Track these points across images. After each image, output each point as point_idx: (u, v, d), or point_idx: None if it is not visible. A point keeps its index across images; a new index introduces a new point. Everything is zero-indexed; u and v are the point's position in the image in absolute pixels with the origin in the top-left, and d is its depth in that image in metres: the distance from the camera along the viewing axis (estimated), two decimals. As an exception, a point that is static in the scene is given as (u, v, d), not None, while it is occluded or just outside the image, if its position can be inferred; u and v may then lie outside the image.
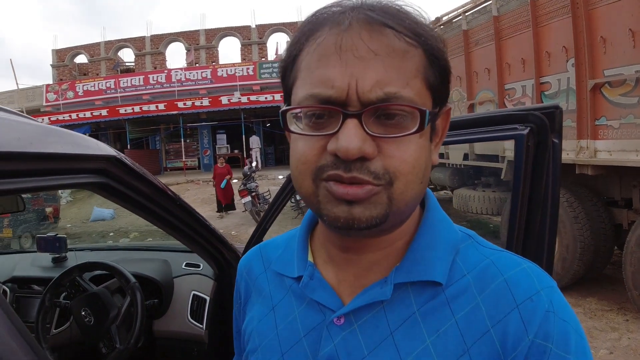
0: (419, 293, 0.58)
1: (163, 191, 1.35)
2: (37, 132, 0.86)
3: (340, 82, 0.50)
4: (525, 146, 1.00)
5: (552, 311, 0.54)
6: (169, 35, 26.16)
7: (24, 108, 21.63)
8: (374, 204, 0.51)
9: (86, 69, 27.20)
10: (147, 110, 20.51)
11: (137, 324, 1.72)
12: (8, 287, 2.13)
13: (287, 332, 0.64)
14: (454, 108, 6.76)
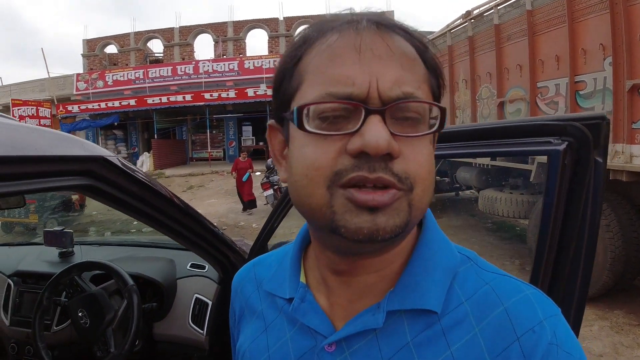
0: (413, 321, 0.54)
1: (158, 192, 1.28)
2: (19, 133, 0.82)
3: (361, 79, 0.47)
4: (560, 164, 0.82)
5: (556, 344, 0.50)
6: (198, 27, 26.36)
7: (55, 96, 22.18)
8: (397, 210, 0.48)
9: (116, 59, 27.68)
10: (174, 100, 20.74)
11: (133, 328, 1.66)
12: (13, 281, 2.13)
13: (279, 355, 0.61)
14: (482, 105, 6.54)
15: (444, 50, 7.45)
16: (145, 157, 21.05)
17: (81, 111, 22.07)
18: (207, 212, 11.02)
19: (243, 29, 25.69)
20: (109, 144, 24.16)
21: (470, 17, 6.59)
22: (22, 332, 1.99)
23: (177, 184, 16.84)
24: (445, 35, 7.39)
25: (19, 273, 2.16)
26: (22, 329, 1.99)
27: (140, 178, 1.20)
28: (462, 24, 6.93)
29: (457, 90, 7.27)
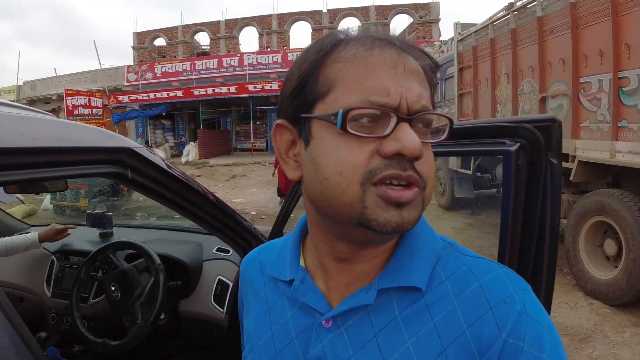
0: (400, 298, 0.61)
1: (181, 180, 1.39)
2: (59, 129, 0.95)
3: (395, 92, 0.55)
4: (514, 165, 0.84)
5: (525, 313, 0.56)
6: (243, 20, 26.78)
7: (106, 87, 23.09)
8: (417, 206, 0.57)
9: (164, 51, 28.55)
10: (219, 92, 21.17)
11: (158, 303, 1.79)
12: (56, 257, 2.34)
13: (281, 333, 0.68)
14: (524, 100, 6.39)
15: (486, 43, 7.30)
16: (191, 147, 21.67)
17: (131, 101, 22.93)
18: (248, 201, 11.30)
19: (287, 22, 25.89)
20: (157, 133, 24.99)
21: (513, 9, 6.41)
22: (61, 304, 2.18)
23: (221, 173, 17.26)
24: (488, 27, 7.23)
25: (62, 250, 2.36)
26: (61, 301, 2.18)
27: (164, 167, 1.31)
28: (504, 16, 6.76)
29: (499, 84, 7.10)
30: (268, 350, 0.68)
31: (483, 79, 7.59)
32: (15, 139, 0.80)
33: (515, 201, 0.85)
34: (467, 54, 8.20)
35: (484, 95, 7.62)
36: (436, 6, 24.18)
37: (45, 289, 2.26)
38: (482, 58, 7.62)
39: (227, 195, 12.27)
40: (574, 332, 3.94)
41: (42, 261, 2.35)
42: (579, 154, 5.02)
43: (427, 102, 0.57)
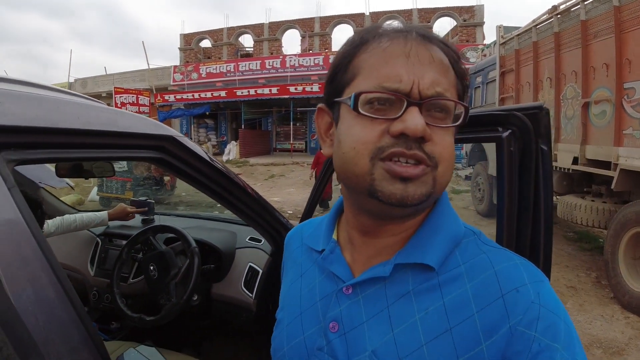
0: (416, 275, 0.66)
1: (218, 169, 1.49)
2: (110, 114, 1.06)
3: (407, 78, 0.60)
4: (506, 151, 0.88)
5: (539, 303, 0.58)
6: (286, 23, 27.10)
7: (153, 86, 23.85)
8: (424, 182, 0.61)
9: (210, 52, 29.26)
10: (261, 93, 21.38)
11: (191, 283, 1.91)
12: (100, 240, 2.52)
13: (308, 295, 0.76)
14: (567, 105, 6.24)
15: (529, 47, 7.17)
16: (232, 146, 22.09)
17: (177, 100, 23.57)
18: (286, 200, 11.45)
19: (329, 25, 26.03)
20: (201, 132, 25.61)
21: (557, 12, 6.27)
22: (103, 282, 2.35)
23: (260, 172, 17.53)
24: (531, 31, 7.10)
25: (106, 233, 2.54)
26: (103, 279, 2.35)
27: (203, 156, 1.41)
28: (548, 19, 6.61)
29: (542, 88, 6.95)
30: (295, 309, 0.77)
31: (525, 83, 7.45)
32: (71, 121, 0.91)
33: (509, 185, 0.89)
34: (510, 57, 8.06)
35: (526, 100, 7.46)
36: (480, 9, 23.75)
37: (89, 268, 2.43)
38: (524, 62, 7.48)
39: (265, 194, 12.35)
40: (607, 344, 3.84)
41: (88, 243, 2.53)
42: (621, 162, 4.87)
43: (443, 89, 0.61)
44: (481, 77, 9.62)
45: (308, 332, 0.73)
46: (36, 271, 0.72)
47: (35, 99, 0.86)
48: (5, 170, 0.74)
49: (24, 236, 0.72)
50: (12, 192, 0.72)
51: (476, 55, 18.43)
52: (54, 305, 0.73)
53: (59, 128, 0.87)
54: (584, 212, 5.76)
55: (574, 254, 6.38)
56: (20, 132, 0.79)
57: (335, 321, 0.69)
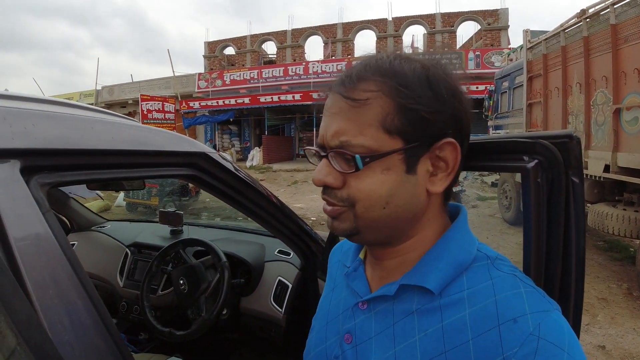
0: (421, 296, 0.68)
1: (251, 185, 1.48)
2: (143, 133, 1.07)
3: (321, 133, 0.69)
4: (532, 183, 0.80)
5: (537, 335, 0.56)
6: (309, 29, 27.21)
7: (179, 93, 24.24)
8: (344, 220, 0.68)
9: (233, 59, 29.57)
10: (284, 99, 21.53)
11: (221, 298, 1.90)
12: (130, 251, 2.53)
13: (335, 308, 0.83)
14: (597, 111, 6.09)
15: (557, 52, 7.02)
16: (255, 152, 22.24)
17: (201, 107, 23.88)
18: (309, 207, 11.44)
19: (352, 31, 26.03)
20: (224, 138, 25.90)
21: (585, 16, 6.12)
22: (132, 293, 2.35)
23: (283, 178, 17.58)
24: (559, 35, 6.95)
25: (135, 244, 2.55)
26: (132, 291, 2.35)
27: (235, 171, 1.41)
28: (576, 23, 6.46)
29: (571, 94, 6.78)
30: (324, 319, 0.84)
31: (554, 88, 7.29)
32: (106, 141, 0.91)
33: (536, 221, 0.81)
34: (537, 62, 7.90)
35: (554, 106, 7.31)
36: (505, 13, 23.41)
37: (119, 279, 2.44)
38: (552, 67, 7.33)
39: (289, 200, 12.48)
40: (639, 359, 3.72)
41: (117, 253, 2.54)
42: (656, 169, 4.72)
43: (349, 136, 0.64)
44: (508, 82, 9.46)
45: (329, 341, 0.79)
46: (71, 296, 0.71)
47: (68, 120, 0.86)
48: (39, 194, 0.74)
49: (60, 262, 0.71)
50: (46, 217, 0.72)
51: (501, 59, 18.17)
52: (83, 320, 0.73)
53: (93, 149, 0.87)
54: (615, 221, 5.59)
55: (605, 264, 6.20)
56: (54, 154, 0.79)
57: (349, 333, 0.74)
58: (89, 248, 2.62)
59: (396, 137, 0.64)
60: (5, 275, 0.60)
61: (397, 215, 0.67)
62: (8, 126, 0.72)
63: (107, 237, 2.70)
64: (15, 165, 0.72)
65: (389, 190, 0.65)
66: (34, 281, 0.67)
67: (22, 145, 0.73)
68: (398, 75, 0.64)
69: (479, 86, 17.17)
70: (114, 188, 1.82)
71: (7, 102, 0.79)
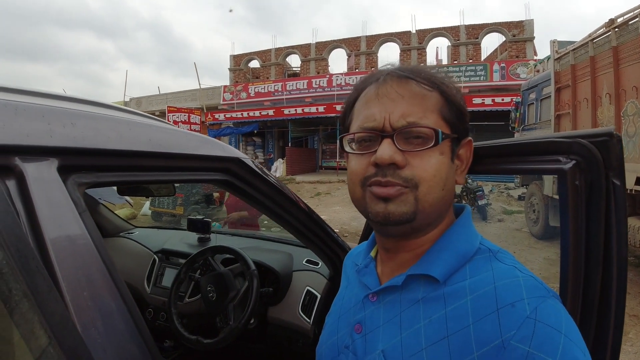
0: (426, 285, 0.72)
1: (282, 192, 1.46)
2: (179, 136, 1.06)
3: (379, 116, 0.72)
4: (570, 186, 0.75)
5: (534, 318, 0.60)
6: (332, 42, 27.37)
7: (204, 105, 24.63)
8: (404, 202, 0.70)
9: (258, 72, 29.91)
10: (308, 112, 21.61)
11: (250, 306, 1.87)
12: (158, 257, 2.53)
13: (347, 302, 0.87)
14: (628, 123, 5.93)
15: (586, 62, 6.88)
16: (279, 163, 22.38)
17: (226, 119, 24.22)
18: (332, 219, 11.41)
19: (375, 43, 26.08)
20: (249, 149, 26.16)
21: (614, 25, 5.99)
22: (159, 300, 2.34)
23: (306, 189, 17.61)
24: (587, 45, 6.82)
25: (163, 250, 2.55)
26: (159, 297, 2.35)
27: (268, 178, 1.39)
28: (605, 33, 6.33)
29: (600, 105, 6.63)
30: (336, 314, 0.89)
31: (583, 99, 7.13)
32: (143, 143, 0.90)
33: (575, 226, 0.76)
34: (565, 73, 7.76)
35: (583, 117, 7.16)
36: (530, 24, 23.11)
37: (146, 285, 2.44)
38: (581, 77, 7.18)
39: (312, 211, 12.44)
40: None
41: (145, 260, 2.55)
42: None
43: (416, 117, 0.70)
44: (535, 94, 9.31)
45: (341, 333, 0.84)
46: (105, 299, 0.70)
47: (106, 120, 0.85)
48: (75, 194, 0.73)
49: (95, 263, 0.70)
50: (83, 217, 0.71)
51: (527, 71, 17.92)
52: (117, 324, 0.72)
53: (130, 150, 0.86)
54: (645, 235, 5.39)
55: (635, 280, 5.98)
56: (91, 154, 0.78)
57: (359, 323, 0.79)
58: (117, 254, 2.64)
59: (446, 126, 0.73)
60: (40, 275, 0.59)
61: (448, 200, 0.75)
62: (46, 124, 0.71)
63: (135, 244, 2.71)
64: (53, 164, 0.71)
65: (446, 173, 0.73)
66: (68, 282, 0.66)
67: (60, 144, 0.72)
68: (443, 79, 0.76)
69: (504, 98, 16.97)
70: (144, 194, 1.83)
71: (46, 100, 0.79)
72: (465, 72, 19.91)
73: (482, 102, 17.60)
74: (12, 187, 0.65)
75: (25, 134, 0.68)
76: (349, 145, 0.77)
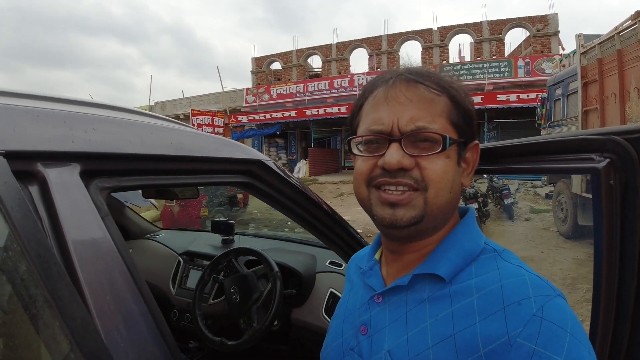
0: (432, 284, 0.73)
1: (304, 193, 1.45)
2: (201, 139, 1.06)
3: (387, 120, 0.73)
4: (604, 185, 0.71)
5: (540, 316, 0.60)
6: (353, 42, 27.30)
7: (227, 107, 24.88)
8: (413, 206, 0.71)
9: (280, 74, 30.08)
10: (330, 112, 21.62)
11: (273, 308, 1.87)
12: (182, 259, 2.56)
13: (351, 304, 0.88)
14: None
15: (612, 56, 6.69)
16: (302, 164, 22.44)
17: (249, 121, 24.39)
18: (355, 219, 11.35)
19: (397, 42, 25.93)
20: (272, 151, 26.29)
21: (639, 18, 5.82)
22: (183, 301, 2.36)
23: (329, 190, 17.58)
24: (614, 38, 6.63)
25: (188, 252, 2.57)
26: (184, 299, 2.37)
27: (290, 180, 1.38)
28: (631, 25, 6.14)
29: (629, 99, 6.43)
30: (340, 317, 0.90)
31: (610, 94, 6.95)
32: (165, 147, 0.90)
33: (609, 227, 0.73)
34: (592, 67, 7.57)
35: (612, 112, 6.97)
36: (554, 18, 22.61)
37: (171, 287, 2.47)
38: (608, 71, 7.00)
39: (335, 212, 12.43)
40: None
41: (170, 261, 2.57)
42: None
43: (425, 122, 0.71)
44: (561, 89, 9.10)
45: (346, 335, 0.84)
46: (128, 302, 0.70)
47: (128, 125, 0.85)
48: (98, 198, 0.73)
49: (118, 267, 0.70)
50: (105, 222, 0.71)
51: (552, 66, 17.54)
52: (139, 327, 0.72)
53: (152, 155, 0.86)
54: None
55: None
56: (113, 159, 0.78)
57: (365, 325, 0.79)
58: (143, 256, 2.67)
59: (454, 130, 0.74)
60: (62, 279, 0.59)
61: (454, 202, 0.76)
62: (68, 129, 0.72)
63: (161, 246, 2.75)
64: (75, 169, 0.72)
65: (453, 176, 0.74)
66: (90, 286, 0.66)
67: (82, 149, 0.72)
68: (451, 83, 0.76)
69: (529, 94, 16.63)
70: (169, 196, 1.85)
71: (68, 106, 0.80)
72: (489, 69, 19.59)
73: (507, 98, 17.31)
74: (34, 192, 0.66)
75: (47, 140, 0.68)
76: (357, 147, 0.79)
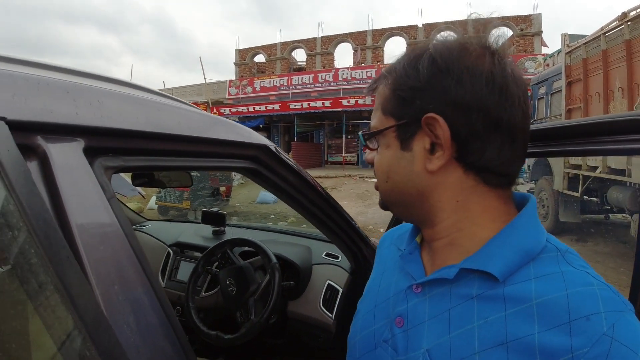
0: (482, 281, 0.64)
1: (309, 182, 1.40)
2: (208, 121, 0.99)
3: None
4: None
5: (611, 336, 0.52)
6: (338, 36, 27.27)
7: (210, 100, 24.61)
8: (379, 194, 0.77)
9: (263, 67, 29.88)
10: (314, 106, 21.62)
11: (272, 301, 1.81)
12: (172, 250, 2.47)
13: (385, 290, 0.80)
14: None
15: (598, 56, 6.77)
16: (284, 158, 22.39)
17: (232, 114, 24.13)
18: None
19: (382, 37, 25.95)
20: (254, 144, 26.22)
21: (627, 19, 5.87)
22: (174, 294, 2.28)
23: (312, 185, 17.57)
24: (599, 39, 6.71)
25: (178, 244, 2.49)
26: (174, 291, 2.29)
27: (295, 168, 1.33)
28: (617, 26, 6.22)
29: (613, 99, 6.52)
30: (371, 302, 0.82)
31: (594, 93, 7.05)
32: (172, 126, 0.83)
33: None
34: (577, 67, 7.66)
35: (595, 111, 7.06)
36: (538, 18, 22.90)
37: (160, 279, 2.38)
38: (593, 71, 7.09)
39: (318, 206, 12.42)
40: None
41: (159, 253, 2.49)
42: None
43: (372, 122, 0.74)
44: (545, 88, 9.21)
45: (378, 325, 0.77)
46: (137, 292, 0.64)
47: (135, 100, 0.78)
48: (103, 178, 0.65)
49: (126, 254, 0.64)
50: (111, 203, 0.64)
51: (534, 65, 17.74)
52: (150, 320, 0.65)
53: (160, 133, 0.79)
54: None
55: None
56: (119, 135, 0.71)
57: (401, 316, 0.71)
58: None
59: (389, 117, 0.70)
60: (72, 269, 0.52)
61: (399, 190, 0.71)
62: (71, 100, 0.64)
63: (149, 237, 2.65)
64: (79, 145, 0.64)
65: (388, 166, 0.72)
66: (98, 275, 0.59)
67: (86, 123, 0.65)
68: (395, 66, 0.72)
69: (512, 93, 16.80)
70: (160, 185, 1.77)
71: (70, 76, 0.72)
72: (473, 67, 19.73)
73: (490, 96, 17.45)
74: (33, 168, 0.58)
75: (49, 111, 0.61)
76: None
